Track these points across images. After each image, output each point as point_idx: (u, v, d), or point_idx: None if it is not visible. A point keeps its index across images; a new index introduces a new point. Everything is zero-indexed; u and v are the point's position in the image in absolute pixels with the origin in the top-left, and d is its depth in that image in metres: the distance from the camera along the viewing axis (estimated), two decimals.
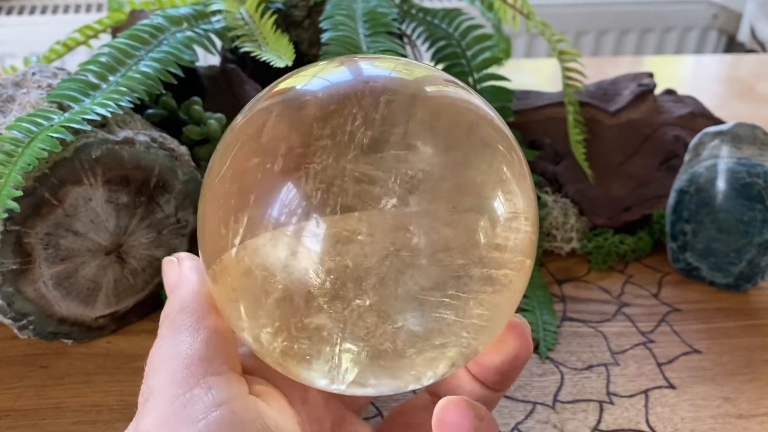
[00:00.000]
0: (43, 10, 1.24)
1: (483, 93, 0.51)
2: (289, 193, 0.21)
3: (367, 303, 0.21)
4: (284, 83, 0.25)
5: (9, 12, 1.23)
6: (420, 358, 0.23)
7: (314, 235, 0.21)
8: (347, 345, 0.22)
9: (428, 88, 0.24)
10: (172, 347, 0.24)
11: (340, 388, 0.24)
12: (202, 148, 0.45)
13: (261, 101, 0.24)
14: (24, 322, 0.38)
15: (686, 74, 0.90)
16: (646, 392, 0.41)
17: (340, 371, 0.23)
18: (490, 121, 0.24)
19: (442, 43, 0.53)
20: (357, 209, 0.21)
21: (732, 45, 1.46)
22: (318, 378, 0.24)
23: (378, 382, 0.24)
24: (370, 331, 0.22)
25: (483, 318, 0.23)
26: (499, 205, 0.23)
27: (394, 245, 0.21)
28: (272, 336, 0.23)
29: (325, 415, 0.28)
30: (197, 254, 0.27)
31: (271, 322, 0.23)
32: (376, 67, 0.25)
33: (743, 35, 1.39)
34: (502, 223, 0.23)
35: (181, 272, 0.27)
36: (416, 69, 0.25)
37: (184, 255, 0.28)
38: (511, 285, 0.24)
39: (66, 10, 1.25)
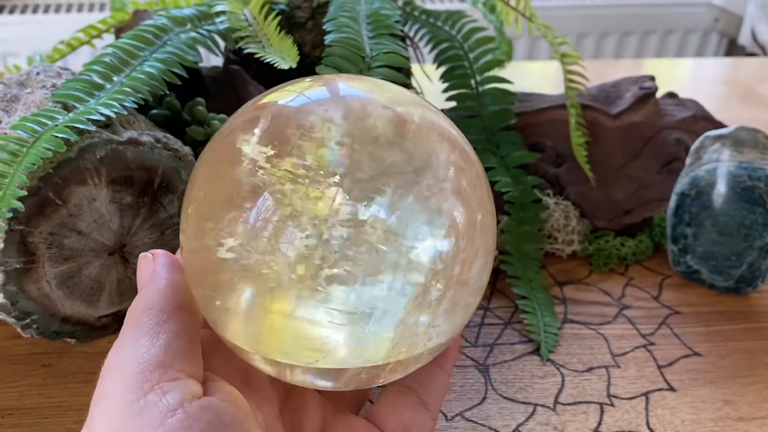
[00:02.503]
0: (46, 9, 1.24)
1: (485, 95, 0.52)
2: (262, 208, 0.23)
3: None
4: (268, 97, 0.27)
5: (12, 11, 1.23)
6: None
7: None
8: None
9: (398, 108, 0.26)
10: (130, 350, 0.24)
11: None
12: None
13: (247, 112, 0.26)
14: (27, 321, 0.38)
15: (687, 77, 0.90)
16: (646, 394, 0.41)
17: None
18: (454, 143, 0.26)
19: (444, 45, 0.53)
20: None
21: (733, 48, 1.46)
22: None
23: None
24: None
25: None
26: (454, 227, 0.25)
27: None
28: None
29: (272, 393, 0.28)
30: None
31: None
32: (352, 88, 0.27)
33: (744, 38, 1.39)
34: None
35: (153, 269, 0.27)
36: (388, 91, 0.27)
37: (159, 252, 0.27)
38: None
39: (69, 9, 1.25)
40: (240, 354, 0.26)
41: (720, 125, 0.57)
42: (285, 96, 0.26)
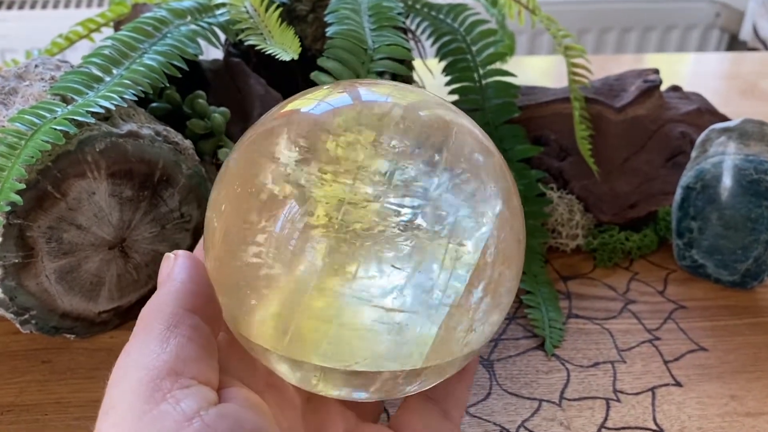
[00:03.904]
0: (44, 5, 1.23)
1: (488, 88, 0.51)
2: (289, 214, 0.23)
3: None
4: (290, 105, 0.27)
5: (9, 6, 1.23)
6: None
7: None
8: None
9: (421, 113, 0.26)
10: (138, 356, 0.23)
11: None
12: (207, 142, 0.45)
13: (270, 120, 0.26)
14: (26, 316, 0.38)
15: (689, 72, 0.89)
16: (652, 390, 0.40)
17: None
18: (479, 142, 0.26)
19: (447, 38, 0.52)
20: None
21: (734, 43, 1.45)
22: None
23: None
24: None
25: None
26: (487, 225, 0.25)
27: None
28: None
29: (295, 395, 0.28)
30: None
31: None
32: (373, 93, 0.27)
33: (745, 33, 1.38)
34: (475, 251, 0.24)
35: (170, 270, 0.26)
36: (410, 94, 0.27)
37: (181, 252, 0.26)
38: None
39: (67, 4, 1.24)
40: (264, 361, 0.25)
41: (724, 119, 0.56)
42: (307, 103, 0.26)
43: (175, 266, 0.26)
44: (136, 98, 0.39)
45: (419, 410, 0.28)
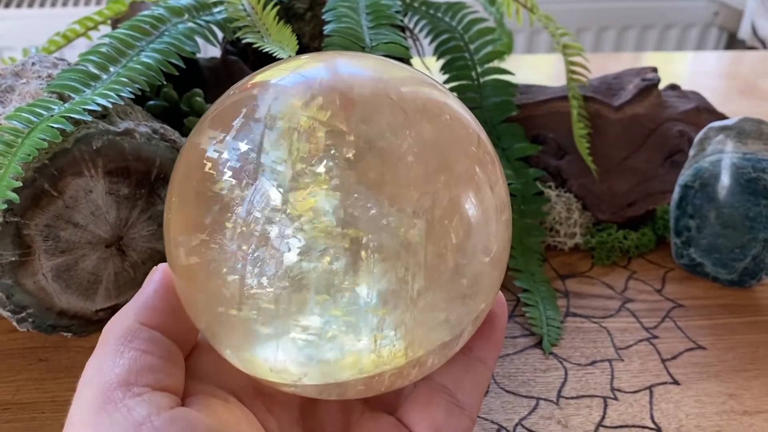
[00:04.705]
0: (42, 3, 1.23)
1: (486, 87, 0.51)
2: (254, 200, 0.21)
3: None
4: (260, 76, 0.24)
5: (7, 5, 1.22)
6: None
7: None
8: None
9: (403, 89, 0.23)
10: (94, 372, 0.23)
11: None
12: None
13: (237, 93, 0.24)
14: (23, 314, 0.38)
15: (687, 71, 0.89)
16: (650, 388, 0.40)
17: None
18: (464, 124, 0.24)
19: (445, 36, 0.52)
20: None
21: (733, 42, 1.45)
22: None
23: None
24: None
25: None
26: (470, 207, 0.22)
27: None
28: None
29: (289, 398, 0.27)
30: None
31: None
32: (354, 66, 0.24)
33: (744, 32, 1.38)
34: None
35: (145, 284, 0.26)
36: (395, 70, 0.24)
37: (159, 266, 0.26)
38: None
39: (65, 2, 1.24)
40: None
41: (723, 117, 0.56)
42: (274, 76, 0.23)
43: (147, 282, 0.26)
44: (133, 96, 0.39)
45: (427, 401, 0.27)
